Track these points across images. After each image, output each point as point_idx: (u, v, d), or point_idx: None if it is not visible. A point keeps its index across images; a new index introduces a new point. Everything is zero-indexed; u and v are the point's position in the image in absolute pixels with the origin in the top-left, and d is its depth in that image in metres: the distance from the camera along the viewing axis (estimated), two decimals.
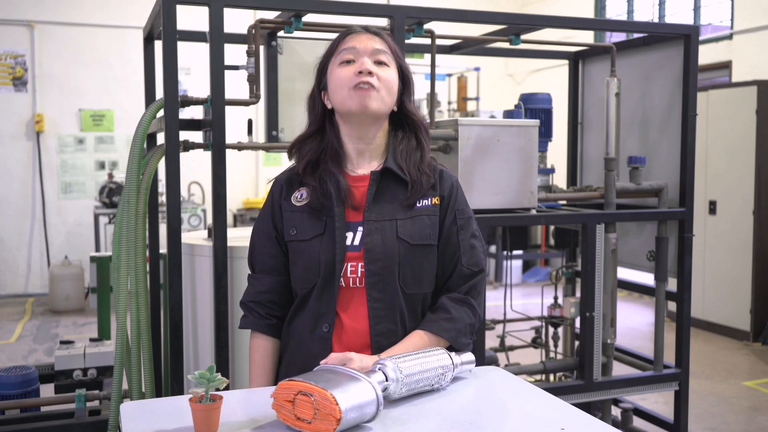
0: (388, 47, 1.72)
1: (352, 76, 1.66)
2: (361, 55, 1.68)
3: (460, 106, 9.37)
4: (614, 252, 3.42)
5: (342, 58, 1.69)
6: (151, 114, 2.87)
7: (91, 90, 8.62)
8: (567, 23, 3.87)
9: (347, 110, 1.69)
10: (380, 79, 1.67)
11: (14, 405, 3.12)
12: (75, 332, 6.63)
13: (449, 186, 1.76)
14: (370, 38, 1.71)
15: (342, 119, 1.73)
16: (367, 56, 1.68)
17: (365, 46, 1.69)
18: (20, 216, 8.45)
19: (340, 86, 1.68)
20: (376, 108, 1.67)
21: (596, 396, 3.40)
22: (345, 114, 1.71)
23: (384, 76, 1.68)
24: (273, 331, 1.78)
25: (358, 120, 1.70)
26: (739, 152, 6.31)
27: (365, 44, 1.69)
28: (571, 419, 1.44)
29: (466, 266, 1.74)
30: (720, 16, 7.68)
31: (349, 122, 1.72)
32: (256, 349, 1.78)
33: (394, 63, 1.72)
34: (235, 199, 9.09)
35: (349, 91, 1.66)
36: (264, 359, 1.77)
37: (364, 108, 1.66)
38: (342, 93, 1.68)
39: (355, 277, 1.67)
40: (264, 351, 1.78)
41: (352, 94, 1.66)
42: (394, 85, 1.71)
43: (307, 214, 1.71)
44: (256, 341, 1.79)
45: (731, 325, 6.40)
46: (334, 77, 1.69)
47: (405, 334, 1.69)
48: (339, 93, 1.68)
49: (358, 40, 1.70)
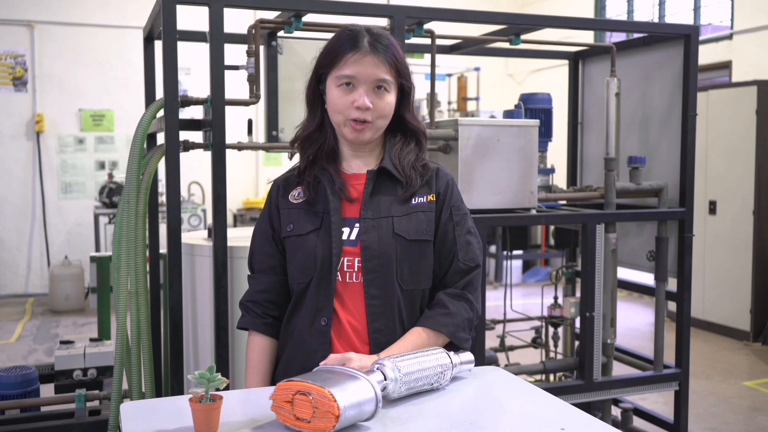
0: (391, 69, 1.67)
1: (349, 106, 1.66)
2: (360, 84, 1.65)
3: (460, 106, 9.37)
4: (614, 252, 3.42)
5: (342, 80, 1.66)
6: (151, 114, 2.87)
7: (91, 90, 8.62)
8: (567, 23, 3.87)
9: (341, 135, 1.72)
10: (376, 110, 1.67)
11: (14, 405, 3.12)
12: (75, 332, 6.63)
13: (445, 183, 1.77)
14: (375, 64, 1.65)
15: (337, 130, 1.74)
16: (367, 85, 1.65)
17: (367, 76, 1.65)
18: (20, 216, 8.45)
19: (336, 110, 1.69)
20: (368, 138, 1.70)
21: (596, 396, 3.40)
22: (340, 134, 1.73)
23: (380, 106, 1.67)
24: (270, 330, 1.79)
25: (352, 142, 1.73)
26: (739, 152, 6.31)
27: (368, 73, 1.65)
28: (571, 419, 1.44)
29: (462, 262, 1.75)
30: (720, 16, 7.68)
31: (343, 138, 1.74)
32: (252, 347, 1.79)
33: (395, 86, 1.70)
34: (235, 199, 9.09)
35: (345, 120, 1.67)
36: (260, 358, 1.78)
37: (357, 140, 1.70)
38: (337, 118, 1.69)
39: (352, 271, 1.68)
40: (260, 350, 1.78)
41: (347, 126, 1.68)
42: (391, 110, 1.71)
43: (304, 210, 1.73)
44: (253, 339, 1.80)
45: (731, 325, 6.40)
46: (332, 97, 1.69)
47: (403, 330, 1.69)
48: (334, 115, 1.70)
49: (361, 65, 1.65)
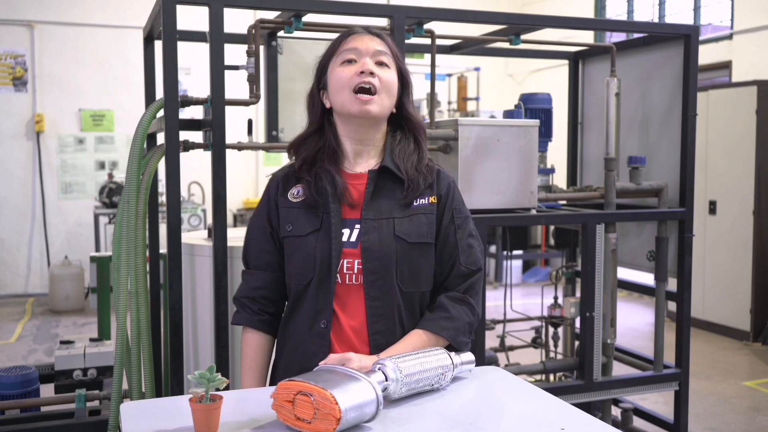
0: (388, 49, 1.74)
1: (354, 76, 1.67)
2: (363, 56, 1.69)
3: (460, 106, 9.37)
4: (614, 252, 3.42)
5: (343, 57, 1.70)
6: (151, 114, 2.87)
7: (91, 90, 8.62)
8: (567, 23, 3.87)
9: (347, 113, 1.69)
10: (381, 81, 1.68)
11: (14, 405, 3.12)
12: (75, 332, 6.63)
13: (446, 185, 1.77)
14: (371, 39, 1.72)
15: (341, 120, 1.74)
16: (368, 57, 1.69)
17: (367, 47, 1.70)
18: (20, 216, 8.45)
19: (341, 87, 1.68)
20: (376, 112, 1.69)
21: (596, 396, 3.40)
22: (345, 116, 1.72)
23: (385, 78, 1.69)
24: (266, 327, 1.79)
25: (358, 122, 1.71)
26: (739, 152, 6.31)
27: (367, 45, 1.71)
28: (571, 419, 1.44)
29: (464, 265, 1.75)
30: (720, 16, 7.68)
31: (348, 123, 1.73)
32: (248, 344, 1.79)
33: (394, 65, 1.74)
34: (235, 199, 9.09)
35: (351, 94, 1.67)
36: (256, 355, 1.78)
37: (364, 113, 1.67)
38: (343, 95, 1.68)
39: (352, 273, 1.68)
40: (256, 346, 1.78)
41: (353, 99, 1.67)
42: (394, 87, 1.72)
43: (303, 210, 1.72)
44: (248, 336, 1.80)
45: (731, 325, 6.40)
46: (335, 77, 1.70)
47: (403, 332, 1.69)
48: (340, 94, 1.69)
49: (360, 40, 1.71)
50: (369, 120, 1.70)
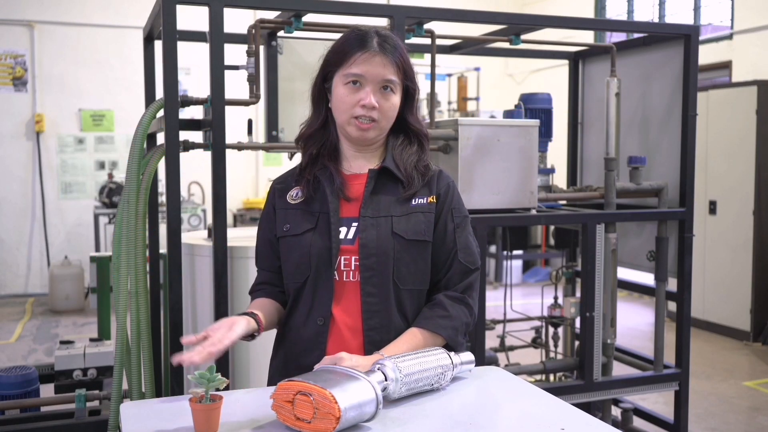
0: (398, 71, 1.69)
1: (356, 105, 1.66)
2: (368, 83, 1.66)
3: (460, 106, 9.37)
4: (614, 252, 3.42)
5: (349, 78, 1.67)
6: (151, 114, 2.87)
7: (91, 90, 8.62)
8: (567, 23, 3.87)
9: (346, 134, 1.72)
10: (381, 110, 1.68)
11: (14, 405, 3.12)
12: (75, 332, 6.63)
13: (445, 185, 1.77)
14: (383, 65, 1.66)
15: (340, 130, 1.75)
16: (375, 84, 1.66)
17: (375, 75, 1.66)
18: (20, 216, 8.45)
19: (342, 109, 1.69)
20: (373, 137, 1.71)
21: (596, 396, 3.40)
22: (344, 133, 1.73)
23: (386, 107, 1.68)
24: (273, 296, 1.80)
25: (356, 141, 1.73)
26: (739, 152, 6.31)
27: (376, 73, 1.66)
28: (571, 419, 1.44)
29: (463, 262, 1.75)
30: (720, 16, 7.67)
31: (347, 137, 1.74)
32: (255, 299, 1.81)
33: (401, 87, 1.71)
34: (235, 199, 9.09)
35: (350, 118, 1.68)
36: (263, 302, 1.78)
37: (362, 138, 1.70)
38: (342, 117, 1.70)
39: (349, 270, 1.68)
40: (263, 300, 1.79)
41: (353, 124, 1.68)
42: (395, 111, 1.72)
43: (301, 210, 1.74)
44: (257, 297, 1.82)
45: (731, 325, 6.40)
46: (338, 94, 1.69)
47: (398, 329, 1.69)
48: (340, 114, 1.70)
49: (370, 64, 1.66)
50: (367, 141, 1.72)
